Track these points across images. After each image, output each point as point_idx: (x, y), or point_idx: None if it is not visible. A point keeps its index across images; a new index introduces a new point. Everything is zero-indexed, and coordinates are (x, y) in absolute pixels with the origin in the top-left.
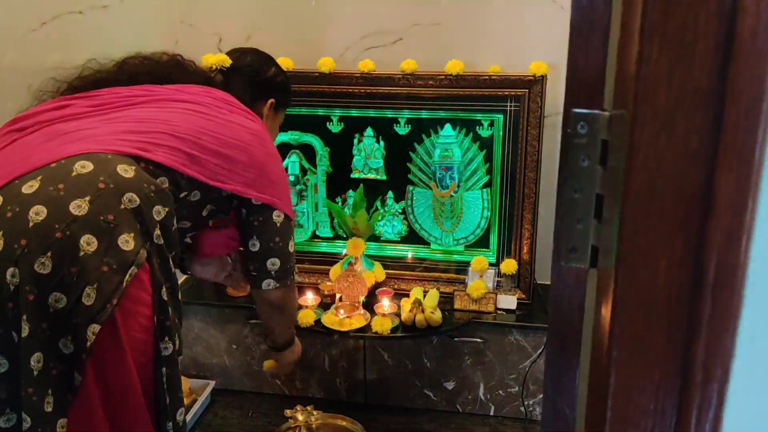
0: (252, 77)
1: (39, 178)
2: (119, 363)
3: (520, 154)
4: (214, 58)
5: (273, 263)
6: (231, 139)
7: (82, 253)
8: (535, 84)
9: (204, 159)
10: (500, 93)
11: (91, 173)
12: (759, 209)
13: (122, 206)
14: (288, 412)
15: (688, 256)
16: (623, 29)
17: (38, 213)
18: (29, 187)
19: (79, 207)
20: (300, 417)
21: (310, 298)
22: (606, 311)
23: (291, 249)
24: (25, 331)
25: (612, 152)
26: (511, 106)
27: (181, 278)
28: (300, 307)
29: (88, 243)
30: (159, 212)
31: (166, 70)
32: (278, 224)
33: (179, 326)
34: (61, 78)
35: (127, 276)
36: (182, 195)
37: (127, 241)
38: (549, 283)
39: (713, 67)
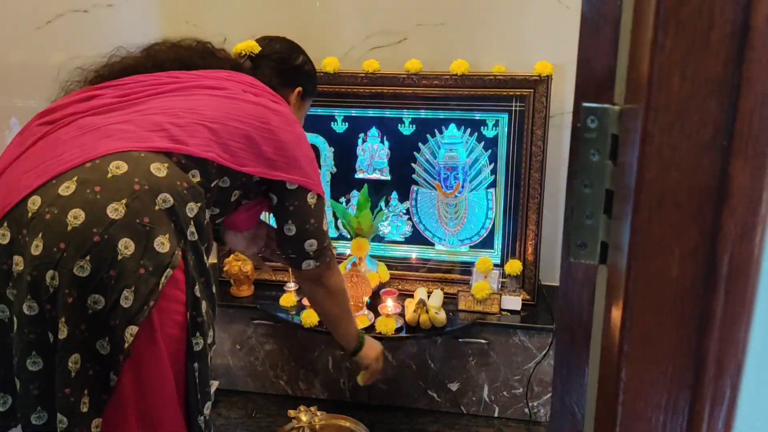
0: (280, 64)
1: (75, 179)
2: (156, 362)
3: (525, 155)
4: (243, 45)
5: (311, 244)
6: (258, 122)
7: (120, 257)
8: (540, 84)
9: (233, 145)
10: (505, 93)
11: (126, 174)
12: None
13: (157, 207)
14: (291, 413)
15: (702, 248)
16: (636, 17)
17: (76, 217)
18: (66, 189)
19: (116, 210)
20: (303, 417)
21: None
22: (617, 306)
23: (325, 227)
24: (63, 333)
25: (623, 146)
26: (516, 106)
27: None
28: (304, 306)
29: (126, 246)
30: (192, 209)
31: (194, 56)
32: (312, 206)
33: (214, 317)
34: (87, 67)
35: (163, 278)
36: (213, 183)
37: (162, 243)
38: (554, 284)
39: (728, 56)
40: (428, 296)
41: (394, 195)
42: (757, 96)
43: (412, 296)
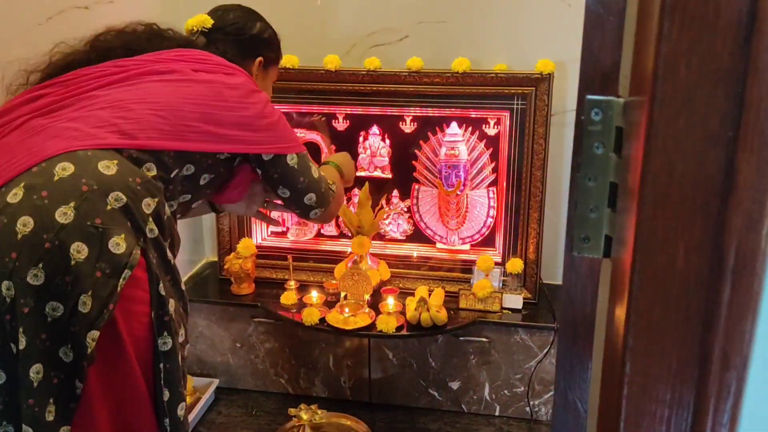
0: (236, 36)
1: (22, 185)
2: (122, 365)
3: (526, 153)
4: (194, 20)
5: (309, 198)
6: (214, 101)
7: (73, 262)
8: (542, 82)
9: (190, 130)
10: (507, 91)
11: (73, 176)
12: None
13: (109, 207)
14: (292, 411)
15: (708, 240)
16: (641, 7)
17: (25, 224)
18: (14, 196)
19: (64, 215)
20: (304, 416)
21: (314, 296)
22: (621, 300)
23: (317, 174)
24: (22, 343)
25: (627, 139)
26: (517, 104)
27: (193, 270)
28: (305, 305)
29: (78, 251)
30: (149, 205)
31: (140, 40)
32: (296, 165)
33: (185, 316)
34: (31, 67)
35: (121, 279)
36: (174, 174)
37: (118, 244)
38: (555, 282)
39: (735, 45)
40: (429, 294)
41: (395, 193)
42: (765, 86)
43: (413, 294)
